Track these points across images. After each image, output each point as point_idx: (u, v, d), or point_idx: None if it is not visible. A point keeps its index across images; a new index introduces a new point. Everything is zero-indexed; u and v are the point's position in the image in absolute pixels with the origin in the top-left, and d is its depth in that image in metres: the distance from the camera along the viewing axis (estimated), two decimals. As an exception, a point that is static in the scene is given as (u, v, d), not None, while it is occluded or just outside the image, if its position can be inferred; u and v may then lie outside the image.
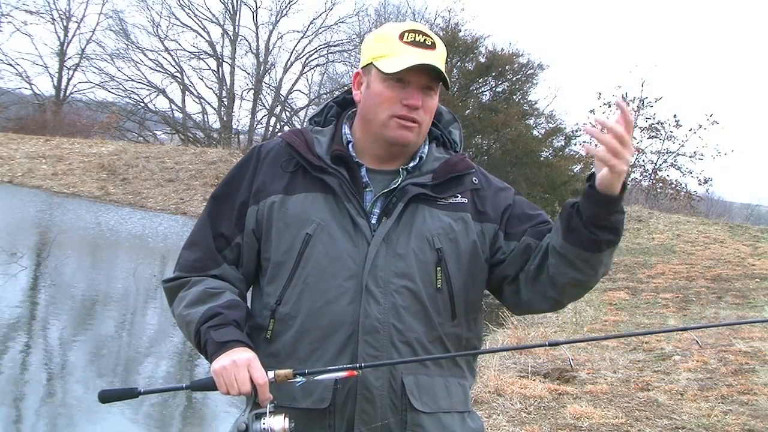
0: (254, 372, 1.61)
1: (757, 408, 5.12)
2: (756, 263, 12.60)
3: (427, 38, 1.77)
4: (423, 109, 1.76)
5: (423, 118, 1.77)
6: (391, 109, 1.75)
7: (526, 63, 17.32)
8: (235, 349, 1.65)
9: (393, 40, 1.77)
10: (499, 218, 1.83)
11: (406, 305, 1.73)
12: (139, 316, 9.21)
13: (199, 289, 1.76)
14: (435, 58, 1.75)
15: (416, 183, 1.78)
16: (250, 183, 1.81)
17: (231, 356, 1.63)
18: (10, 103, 33.81)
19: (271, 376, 1.63)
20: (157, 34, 34.80)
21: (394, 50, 1.75)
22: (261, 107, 35.61)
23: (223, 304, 1.72)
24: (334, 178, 1.76)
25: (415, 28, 1.79)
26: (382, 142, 1.79)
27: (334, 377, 1.65)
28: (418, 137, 1.79)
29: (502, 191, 1.87)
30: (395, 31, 1.78)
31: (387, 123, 1.76)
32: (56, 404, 5.50)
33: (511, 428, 4.80)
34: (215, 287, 1.77)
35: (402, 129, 1.76)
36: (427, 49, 1.75)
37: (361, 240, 1.73)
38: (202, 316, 1.70)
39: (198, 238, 1.84)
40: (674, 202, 23.96)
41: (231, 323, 1.69)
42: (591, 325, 8.56)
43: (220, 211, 1.83)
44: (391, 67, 1.73)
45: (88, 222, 16.85)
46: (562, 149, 17.24)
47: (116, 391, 1.72)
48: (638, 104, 26.05)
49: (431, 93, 1.78)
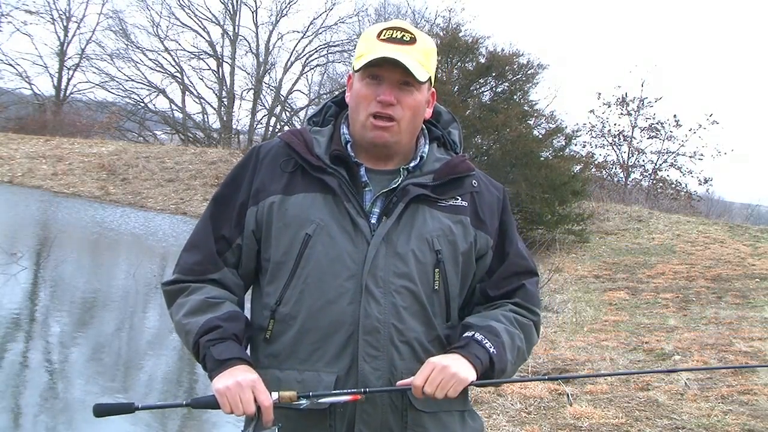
0: (259, 394, 1.63)
1: (757, 408, 5.12)
2: (756, 263, 12.59)
3: (406, 34, 1.76)
4: (400, 105, 1.75)
5: (401, 114, 1.75)
6: (368, 108, 1.75)
7: (527, 63, 17.33)
8: (236, 368, 1.65)
9: (371, 39, 1.77)
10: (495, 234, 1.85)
11: (406, 305, 1.73)
12: (139, 317, 9.20)
13: (198, 298, 1.75)
14: (409, 52, 1.73)
15: (417, 183, 1.78)
16: (249, 183, 1.81)
17: (234, 376, 1.63)
18: (10, 103, 33.79)
19: (275, 398, 1.64)
20: (157, 34, 34.86)
21: (370, 48, 1.75)
22: (261, 107, 35.65)
23: (222, 316, 1.72)
24: (333, 178, 1.75)
25: (394, 25, 1.79)
26: (366, 142, 1.79)
27: (338, 401, 1.66)
28: (399, 136, 1.78)
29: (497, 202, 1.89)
30: (375, 30, 1.78)
31: (365, 124, 1.76)
32: (56, 404, 5.49)
33: (511, 428, 4.80)
34: (215, 297, 1.76)
35: (377, 130, 1.75)
36: (403, 45, 1.74)
37: (360, 240, 1.73)
38: (201, 328, 1.70)
39: (198, 240, 1.83)
40: (674, 202, 23.94)
41: (230, 337, 1.70)
42: (591, 325, 8.55)
43: (221, 213, 1.83)
44: (360, 63, 1.74)
45: (88, 222, 16.84)
46: (563, 149, 17.23)
47: (112, 406, 1.71)
48: (638, 104, 26.07)
49: (409, 89, 1.75)
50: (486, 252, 1.83)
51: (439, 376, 1.65)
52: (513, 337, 1.78)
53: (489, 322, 1.77)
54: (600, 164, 25.33)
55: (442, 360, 1.67)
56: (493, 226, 1.85)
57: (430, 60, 1.80)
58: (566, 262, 13.32)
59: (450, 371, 1.65)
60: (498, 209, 1.88)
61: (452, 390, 1.65)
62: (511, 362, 1.77)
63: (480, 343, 1.71)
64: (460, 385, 1.66)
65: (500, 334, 1.75)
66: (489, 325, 1.76)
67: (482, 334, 1.73)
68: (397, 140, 1.78)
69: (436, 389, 1.64)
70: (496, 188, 1.91)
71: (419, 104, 1.79)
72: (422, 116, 1.83)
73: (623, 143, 26.61)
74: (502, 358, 1.73)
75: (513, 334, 1.79)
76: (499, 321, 1.79)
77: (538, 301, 1.90)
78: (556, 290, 11.01)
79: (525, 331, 1.82)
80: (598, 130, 26.37)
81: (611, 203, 19.14)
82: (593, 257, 14.18)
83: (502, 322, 1.79)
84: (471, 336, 1.73)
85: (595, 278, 12.17)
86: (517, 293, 1.85)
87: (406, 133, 1.79)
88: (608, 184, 24.29)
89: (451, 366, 1.66)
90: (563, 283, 11.63)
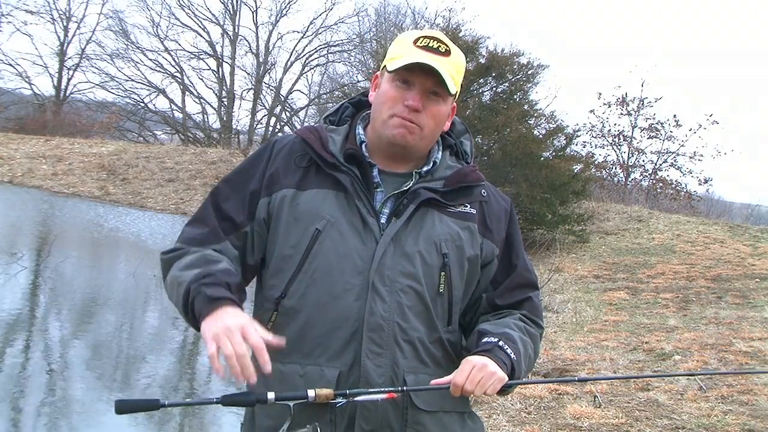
0: (250, 336, 1.54)
1: (757, 408, 5.12)
2: (756, 263, 12.59)
3: (441, 45, 1.77)
4: (426, 113, 1.76)
5: (425, 122, 1.77)
6: (393, 108, 1.76)
7: (527, 63, 17.31)
8: (227, 309, 1.60)
9: (407, 44, 1.78)
10: (501, 244, 1.88)
11: (410, 305, 1.75)
12: (139, 316, 9.20)
13: (196, 255, 1.73)
14: (443, 63, 1.75)
15: (428, 188, 1.79)
16: (263, 174, 1.82)
17: (223, 320, 1.57)
18: (10, 103, 33.78)
19: (312, 395, 1.63)
20: (157, 34, 34.88)
21: (405, 52, 1.76)
22: (261, 107, 35.68)
23: (219, 269, 1.69)
24: (346, 176, 1.77)
25: (431, 34, 1.80)
26: (384, 141, 1.80)
27: (375, 398, 1.67)
28: (420, 141, 1.79)
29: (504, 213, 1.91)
30: (412, 36, 1.80)
31: (387, 121, 1.78)
32: (56, 404, 5.49)
33: (511, 428, 4.80)
34: (214, 255, 1.74)
35: (400, 128, 1.76)
36: (439, 55, 1.76)
37: (369, 238, 1.74)
38: (195, 276, 1.67)
39: (203, 215, 1.83)
40: (674, 202, 23.95)
41: (223, 285, 1.66)
42: (591, 325, 8.55)
43: (229, 196, 1.83)
44: (394, 65, 1.75)
45: (88, 222, 16.85)
46: (563, 149, 17.21)
47: (136, 402, 1.58)
48: (638, 104, 26.08)
49: (437, 99, 1.77)
50: (491, 260, 1.86)
51: (479, 374, 1.67)
52: (526, 346, 1.82)
53: (504, 329, 1.81)
54: (600, 164, 25.32)
55: (480, 359, 1.70)
56: (500, 235, 1.88)
57: (460, 74, 1.82)
58: (566, 262, 13.32)
59: (489, 369, 1.69)
60: (505, 220, 1.90)
61: (491, 388, 1.69)
62: (524, 370, 1.82)
63: (503, 348, 1.75)
64: (499, 384, 1.69)
65: (516, 341, 1.79)
66: (505, 332, 1.80)
67: (503, 340, 1.77)
68: (415, 144, 1.79)
69: (476, 386, 1.67)
70: (504, 200, 1.94)
71: (443, 115, 1.81)
72: (442, 127, 1.85)
73: (623, 143, 26.64)
74: (520, 365, 1.78)
75: (526, 342, 1.83)
76: (513, 329, 1.82)
77: (542, 315, 1.95)
78: (556, 290, 11.01)
79: (533, 341, 1.87)
80: (598, 130, 26.39)
81: (611, 203, 19.13)
82: (593, 257, 14.18)
83: (516, 331, 1.83)
84: (494, 342, 1.76)
85: (595, 278, 12.17)
86: (524, 305, 1.89)
87: (425, 140, 1.81)
88: (608, 184, 24.28)
89: (489, 365, 1.69)
90: (563, 283, 11.63)
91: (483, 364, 1.69)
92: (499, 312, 1.88)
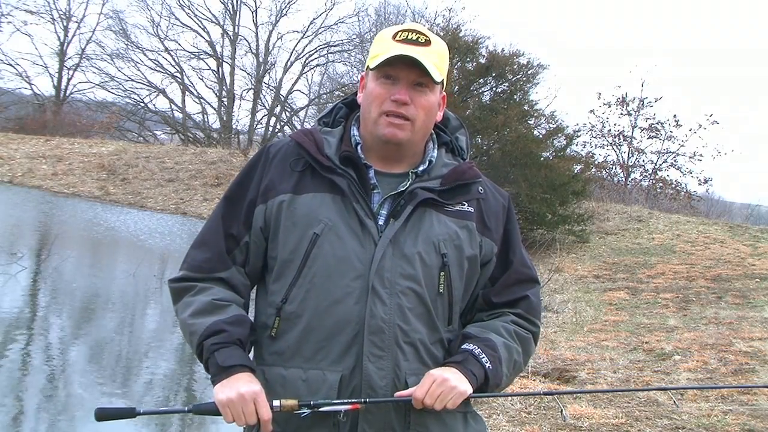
0: (260, 407, 1.65)
1: (757, 408, 5.12)
2: (756, 263, 12.59)
3: (421, 36, 1.77)
4: (414, 105, 1.76)
5: (415, 114, 1.76)
6: (381, 107, 1.76)
7: (527, 63, 17.30)
8: (239, 377, 1.67)
9: (387, 40, 1.78)
10: (499, 240, 1.87)
11: (411, 306, 1.74)
12: (139, 317, 9.20)
13: (205, 299, 1.76)
14: (424, 53, 1.74)
15: (425, 187, 1.79)
16: (258, 181, 1.82)
17: (237, 387, 1.65)
18: (10, 103, 33.80)
19: (277, 405, 1.66)
20: (157, 34, 34.88)
21: (385, 48, 1.76)
22: (261, 107, 35.67)
23: (227, 320, 1.73)
24: (342, 179, 1.76)
25: (409, 27, 1.80)
26: (377, 140, 1.80)
27: (338, 410, 1.68)
28: (413, 135, 1.78)
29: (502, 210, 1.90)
30: (391, 32, 1.80)
31: (378, 121, 1.77)
32: (56, 405, 5.49)
33: (511, 428, 4.80)
34: (221, 299, 1.77)
35: (391, 126, 1.76)
36: (419, 46, 1.75)
37: (368, 241, 1.74)
38: (206, 330, 1.71)
39: (208, 237, 1.84)
40: (674, 202, 23.94)
41: (235, 342, 1.70)
42: (591, 325, 8.56)
43: (230, 212, 1.84)
44: (376, 62, 1.75)
45: (88, 222, 16.84)
46: (563, 149, 17.21)
47: (113, 410, 1.71)
48: (638, 104, 26.07)
49: (423, 89, 1.77)
50: (491, 258, 1.85)
51: (438, 388, 1.68)
52: (511, 351, 1.82)
53: (488, 334, 1.81)
54: (600, 164, 25.32)
55: (442, 373, 1.71)
56: (498, 233, 1.87)
57: (444, 62, 1.81)
58: (566, 262, 13.32)
59: (450, 384, 1.69)
60: (503, 216, 1.90)
61: (451, 402, 1.69)
62: (506, 375, 1.81)
63: (477, 357, 1.75)
64: (459, 398, 1.70)
65: (498, 348, 1.79)
66: (488, 338, 1.80)
67: (480, 347, 1.77)
68: (409, 139, 1.78)
69: (435, 401, 1.68)
70: (502, 196, 1.93)
71: (432, 105, 1.80)
72: (434, 118, 1.84)
73: (623, 143, 26.62)
74: (497, 373, 1.77)
75: (511, 348, 1.82)
76: (499, 334, 1.82)
77: (540, 312, 1.93)
78: (556, 290, 11.02)
79: (524, 344, 1.86)
80: (598, 130, 26.38)
81: (611, 203, 19.13)
82: (593, 257, 14.18)
83: (502, 336, 1.82)
84: (469, 350, 1.76)
85: (595, 278, 12.17)
86: (520, 303, 1.88)
87: (418, 133, 1.80)
88: (608, 184, 24.27)
89: (450, 379, 1.69)
90: (563, 283, 11.64)
91: (444, 378, 1.69)
92: (494, 311, 1.87)
